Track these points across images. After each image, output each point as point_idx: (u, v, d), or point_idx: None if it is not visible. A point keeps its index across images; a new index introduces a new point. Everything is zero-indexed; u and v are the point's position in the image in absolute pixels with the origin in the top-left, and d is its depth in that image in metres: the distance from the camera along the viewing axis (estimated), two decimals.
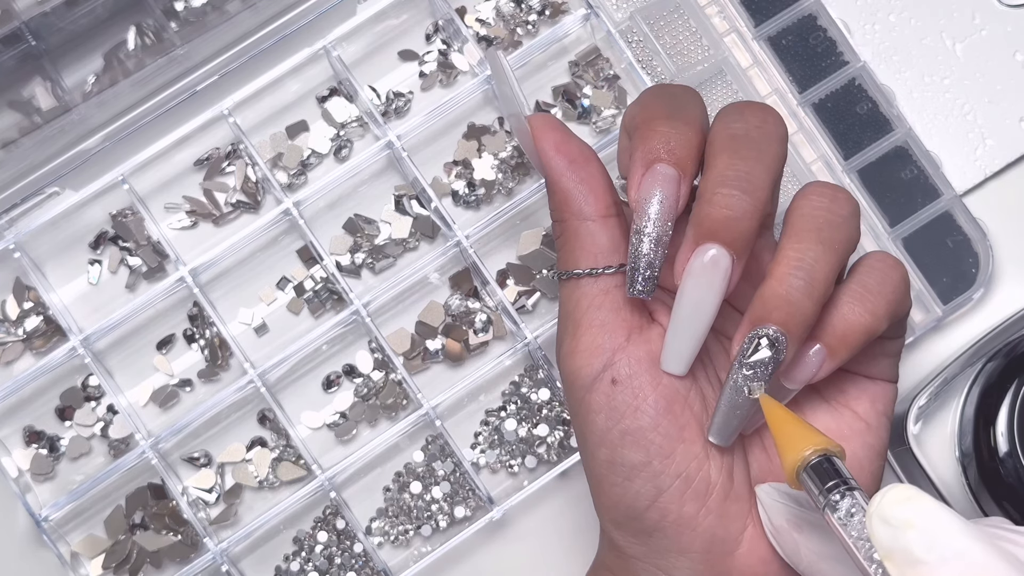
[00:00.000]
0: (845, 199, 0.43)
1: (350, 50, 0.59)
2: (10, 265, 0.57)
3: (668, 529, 0.44)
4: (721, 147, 0.43)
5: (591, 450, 0.45)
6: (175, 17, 0.57)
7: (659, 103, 0.45)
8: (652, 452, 0.43)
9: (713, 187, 0.42)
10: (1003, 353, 0.54)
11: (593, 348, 0.44)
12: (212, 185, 0.58)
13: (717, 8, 0.59)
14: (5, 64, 0.55)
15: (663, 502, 0.44)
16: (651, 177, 0.43)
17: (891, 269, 0.44)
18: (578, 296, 0.45)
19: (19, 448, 0.56)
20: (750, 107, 0.44)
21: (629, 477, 0.44)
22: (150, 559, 0.55)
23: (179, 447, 0.57)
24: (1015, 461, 0.51)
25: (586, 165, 0.45)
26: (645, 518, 0.44)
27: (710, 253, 0.42)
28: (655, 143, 0.43)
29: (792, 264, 0.41)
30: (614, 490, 0.44)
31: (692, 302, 0.42)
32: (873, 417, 0.46)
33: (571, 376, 0.45)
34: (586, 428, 0.45)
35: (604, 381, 0.44)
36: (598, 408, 0.44)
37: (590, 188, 0.45)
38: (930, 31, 0.60)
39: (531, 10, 0.59)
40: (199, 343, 0.57)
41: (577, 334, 0.45)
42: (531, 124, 0.46)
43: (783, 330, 0.41)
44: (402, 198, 0.58)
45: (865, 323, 0.43)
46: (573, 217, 0.45)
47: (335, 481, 0.55)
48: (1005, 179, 0.59)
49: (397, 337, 0.57)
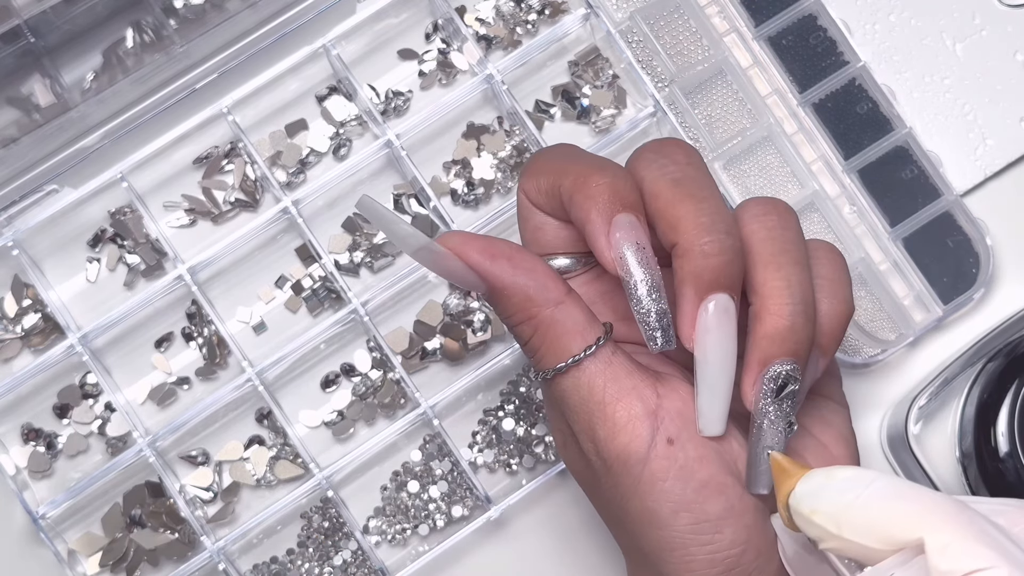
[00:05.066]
0: (787, 210, 0.43)
1: (349, 49, 0.59)
2: (8, 262, 0.57)
3: (764, 563, 0.42)
4: (674, 196, 0.41)
5: (667, 522, 0.42)
6: (174, 15, 0.57)
7: (574, 162, 0.43)
8: (731, 495, 0.42)
9: (697, 238, 0.41)
10: (1003, 353, 0.53)
11: (633, 419, 0.42)
12: (211, 183, 0.58)
13: (717, 8, 0.59)
14: (4, 61, 0.55)
15: (756, 538, 0.42)
16: (618, 231, 0.41)
17: (833, 253, 0.45)
18: (588, 380, 0.42)
19: (17, 445, 0.56)
20: (666, 145, 0.43)
21: (719, 530, 0.42)
22: (147, 557, 0.55)
23: (177, 445, 0.57)
24: (1015, 461, 0.51)
25: (524, 256, 0.43)
26: (743, 563, 0.42)
27: (718, 302, 0.41)
28: (605, 196, 0.41)
29: (784, 295, 0.41)
30: (705, 550, 0.42)
31: (717, 357, 0.41)
32: (835, 392, 0.46)
33: (623, 457, 0.42)
34: (656, 502, 0.42)
35: (660, 445, 0.42)
36: (663, 475, 0.41)
37: (542, 274, 0.42)
38: (930, 31, 0.60)
39: (531, 9, 0.59)
40: (197, 341, 0.57)
41: (608, 413, 0.42)
42: (446, 245, 0.42)
43: (795, 359, 0.41)
44: (401, 197, 0.58)
45: (846, 312, 0.43)
46: (542, 308, 0.42)
47: (333, 480, 0.55)
48: (1005, 179, 0.59)
49: (395, 336, 0.57)
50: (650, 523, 0.42)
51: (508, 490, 0.56)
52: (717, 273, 0.41)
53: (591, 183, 0.42)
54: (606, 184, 0.41)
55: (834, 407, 0.46)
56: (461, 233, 0.43)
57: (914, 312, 0.57)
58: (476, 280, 0.42)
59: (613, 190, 0.41)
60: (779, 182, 0.58)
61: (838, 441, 0.45)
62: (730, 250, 0.41)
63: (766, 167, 0.58)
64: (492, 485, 0.56)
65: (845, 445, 0.45)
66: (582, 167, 0.43)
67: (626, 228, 0.41)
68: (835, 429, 0.45)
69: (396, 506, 0.56)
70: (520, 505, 0.56)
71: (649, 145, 0.44)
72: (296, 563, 0.55)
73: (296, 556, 0.56)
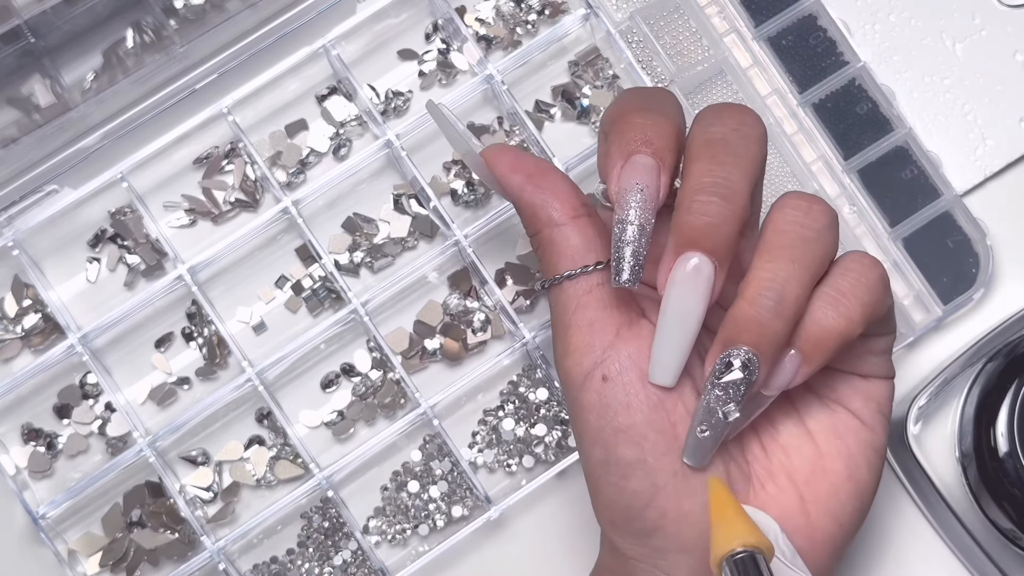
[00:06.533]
0: (821, 211, 0.43)
1: (349, 49, 0.59)
2: (9, 262, 0.57)
3: (668, 527, 0.43)
4: (698, 152, 0.42)
5: (586, 450, 0.45)
6: (174, 15, 0.57)
7: (633, 99, 0.45)
8: (646, 449, 0.43)
9: (691, 194, 0.41)
10: (1003, 353, 0.53)
11: (583, 347, 0.44)
12: (211, 183, 0.58)
13: (717, 8, 0.59)
14: (4, 62, 0.55)
15: (661, 500, 0.43)
16: (630, 168, 0.42)
17: (867, 270, 0.43)
18: (564, 300, 0.45)
19: (17, 445, 0.56)
20: (727, 109, 0.44)
21: (625, 476, 0.43)
22: (147, 557, 0.55)
23: (177, 445, 0.57)
24: (1015, 461, 0.51)
25: (544, 175, 0.46)
26: (644, 517, 0.44)
27: (692, 261, 0.41)
28: (631, 135, 0.43)
29: (763, 284, 0.41)
30: (610, 490, 0.44)
31: (677, 311, 0.42)
32: (868, 415, 0.45)
33: (565, 377, 0.45)
34: (581, 428, 0.45)
35: (595, 379, 0.44)
36: (590, 406, 0.44)
37: (553, 195, 0.45)
38: (930, 31, 0.60)
39: (531, 10, 0.59)
40: (197, 341, 0.57)
41: (567, 336, 0.45)
42: (484, 156, 0.47)
43: (755, 351, 0.41)
44: (401, 197, 0.58)
45: (839, 327, 0.42)
46: (544, 226, 0.45)
47: (333, 480, 0.55)
48: (1005, 179, 0.59)
49: (395, 336, 0.57)
50: (579, 440, 0.45)
51: (508, 490, 0.56)
52: (698, 232, 0.41)
53: (626, 119, 0.43)
54: (638, 124, 0.43)
55: (855, 426, 0.45)
56: (500, 146, 0.47)
57: (914, 312, 0.57)
58: (502, 189, 0.47)
59: (641, 130, 0.43)
60: (779, 182, 0.58)
61: (839, 457, 0.45)
62: (719, 216, 0.41)
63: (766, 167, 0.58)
64: (492, 485, 0.56)
65: (845, 464, 0.45)
66: (633, 104, 0.44)
67: (637, 167, 0.42)
68: (843, 445, 0.45)
69: (396, 506, 0.56)
70: (520, 505, 0.56)
71: (715, 105, 0.45)
72: (296, 563, 0.55)
73: (296, 556, 0.56)
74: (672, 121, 0.43)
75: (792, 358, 0.42)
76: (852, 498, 0.45)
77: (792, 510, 0.44)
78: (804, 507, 0.44)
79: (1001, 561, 0.53)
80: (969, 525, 0.53)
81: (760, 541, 0.39)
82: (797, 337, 0.42)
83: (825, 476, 0.44)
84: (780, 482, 0.45)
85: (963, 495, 0.53)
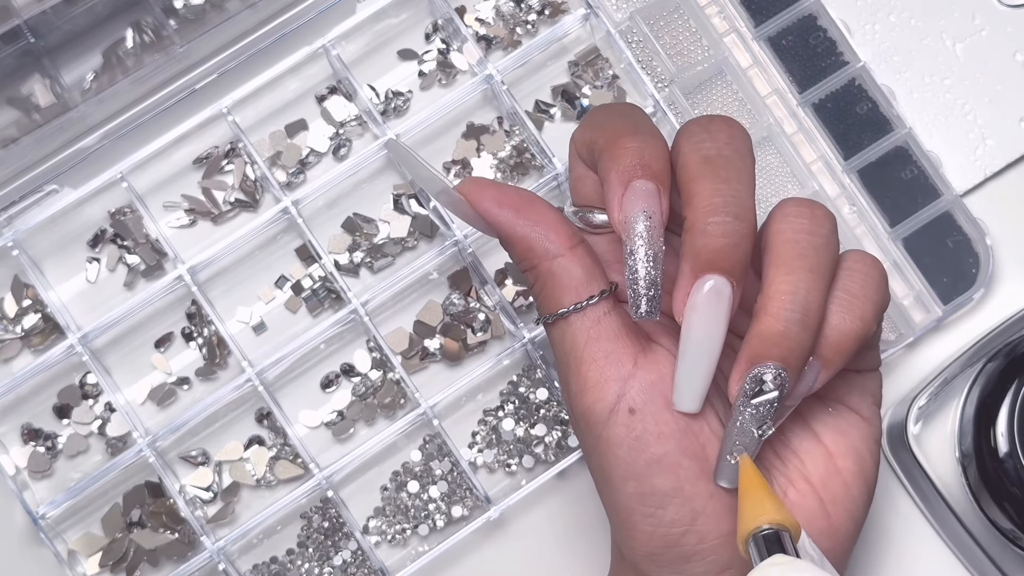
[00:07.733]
0: (823, 216, 0.43)
1: (349, 49, 0.59)
2: (8, 262, 0.57)
3: (706, 551, 0.43)
4: (699, 171, 0.42)
5: (616, 486, 0.43)
6: (174, 15, 0.57)
7: (616, 121, 0.44)
8: (682, 476, 0.42)
9: (704, 216, 0.41)
10: (1003, 353, 0.53)
11: (602, 381, 0.43)
12: (211, 183, 0.58)
13: (717, 8, 0.59)
14: (4, 61, 0.55)
15: (700, 525, 0.43)
16: (632, 196, 0.41)
17: (871, 269, 0.43)
18: (572, 335, 0.44)
19: (17, 446, 0.56)
20: (714, 123, 0.43)
21: (662, 506, 0.43)
22: (147, 557, 0.55)
23: (177, 445, 0.57)
24: (1015, 461, 0.51)
25: (532, 207, 0.44)
26: (682, 544, 0.43)
27: (711, 284, 0.41)
28: (628, 160, 0.42)
29: (786, 299, 0.41)
30: (647, 522, 0.43)
31: (700, 336, 0.41)
32: (865, 408, 0.45)
33: (585, 415, 0.43)
34: (609, 465, 0.43)
35: (621, 412, 0.43)
36: (619, 441, 0.43)
37: (547, 226, 0.44)
38: (930, 31, 0.60)
39: (531, 10, 0.59)
40: (197, 341, 0.57)
41: (581, 371, 0.43)
42: (462, 192, 0.44)
43: (784, 366, 0.41)
44: (401, 197, 0.58)
45: (857, 329, 0.42)
46: (542, 260, 0.44)
47: (332, 480, 0.55)
48: (1005, 179, 0.59)
49: (395, 336, 0.57)
50: (604, 482, 0.44)
51: (508, 490, 0.56)
52: (715, 255, 0.41)
53: (619, 144, 0.42)
54: (633, 148, 0.42)
55: (855, 421, 0.45)
56: (479, 180, 0.45)
57: (914, 312, 0.57)
58: (487, 226, 0.44)
59: (638, 155, 0.42)
60: (779, 182, 0.58)
61: (847, 454, 0.45)
62: (735, 235, 0.41)
63: (766, 167, 0.58)
64: (492, 485, 0.56)
65: (854, 460, 0.45)
66: (619, 127, 0.43)
67: (639, 194, 0.41)
68: (849, 442, 0.45)
69: (396, 506, 0.56)
70: (520, 505, 0.56)
71: (698, 119, 0.44)
72: (296, 563, 0.55)
73: (296, 556, 0.56)
74: (660, 138, 0.43)
75: (812, 365, 0.42)
76: (863, 493, 0.45)
77: (815, 513, 0.44)
78: (824, 509, 0.44)
79: (1001, 561, 0.53)
80: (969, 525, 0.53)
81: (786, 519, 0.39)
82: (818, 344, 0.42)
83: (838, 475, 0.44)
84: (800, 487, 0.45)
85: (963, 495, 0.53)
